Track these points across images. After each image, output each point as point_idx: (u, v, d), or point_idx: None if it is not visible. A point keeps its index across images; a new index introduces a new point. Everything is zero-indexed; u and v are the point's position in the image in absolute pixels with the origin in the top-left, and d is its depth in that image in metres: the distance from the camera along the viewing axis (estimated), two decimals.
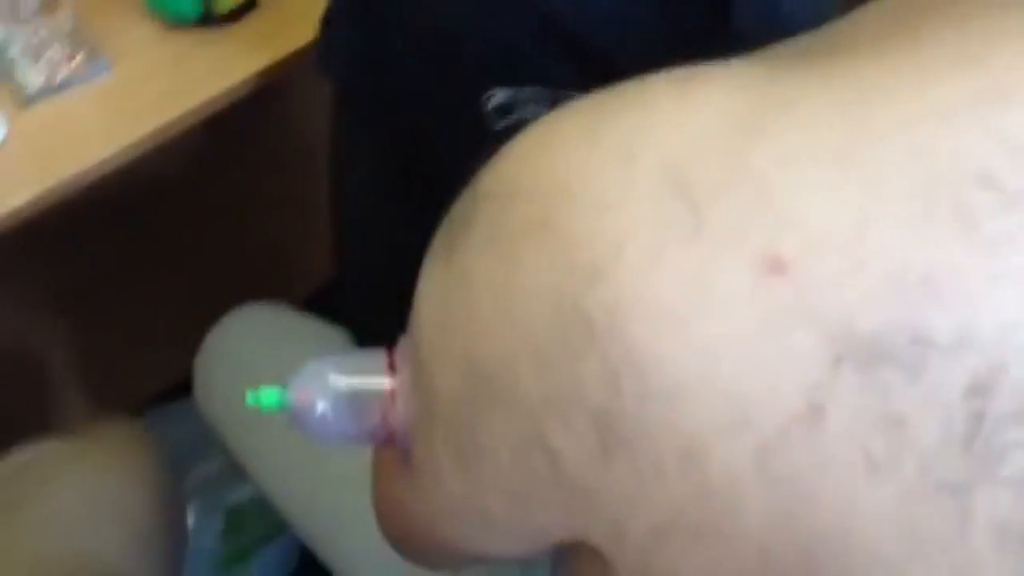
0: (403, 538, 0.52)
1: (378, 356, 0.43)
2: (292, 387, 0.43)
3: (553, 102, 0.69)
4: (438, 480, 0.39)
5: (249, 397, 0.43)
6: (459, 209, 0.37)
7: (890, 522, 0.29)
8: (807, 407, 0.28)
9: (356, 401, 0.43)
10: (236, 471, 1.24)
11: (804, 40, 0.35)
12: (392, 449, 0.43)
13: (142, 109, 0.85)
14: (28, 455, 0.83)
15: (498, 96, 0.69)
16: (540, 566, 0.64)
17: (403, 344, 0.42)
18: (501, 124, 0.70)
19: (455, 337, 0.35)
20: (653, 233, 0.29)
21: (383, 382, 0.42)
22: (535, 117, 0.71)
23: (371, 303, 0.90)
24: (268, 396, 0.43)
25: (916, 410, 0.28)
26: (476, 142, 0.71)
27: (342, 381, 0.43)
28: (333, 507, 0.80)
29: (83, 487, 0.81)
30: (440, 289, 0.37)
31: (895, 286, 0.28)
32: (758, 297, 0.28)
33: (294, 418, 0.44)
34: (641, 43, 0.67)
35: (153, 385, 1.25)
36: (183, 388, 1.19)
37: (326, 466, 0.80)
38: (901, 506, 0.29)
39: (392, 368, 0.42)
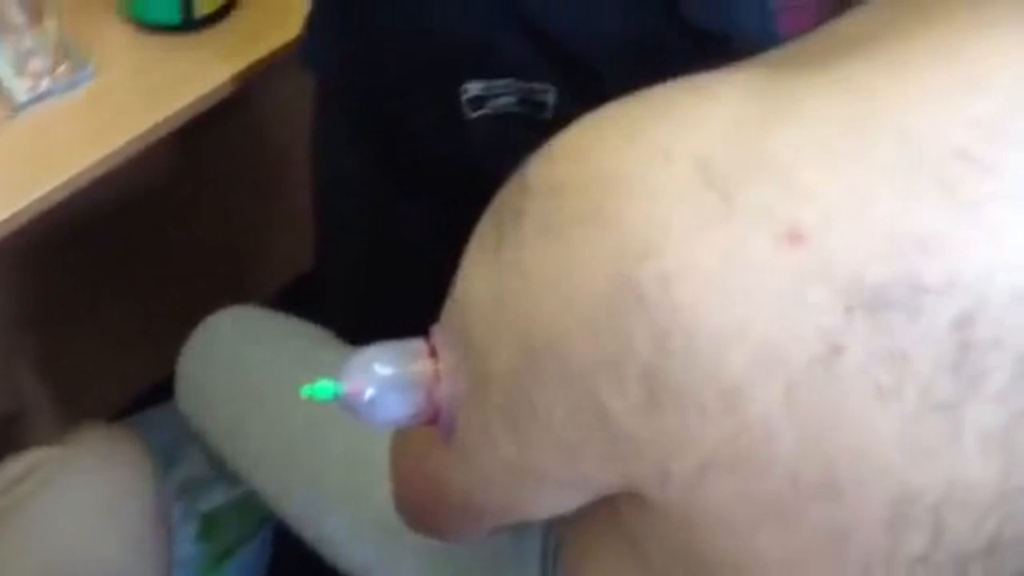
0: (429, 511, 0.55)
1: (416, 344, 0.46)
2: (344, 378, 0.46)
3: (523, 94, 0.73)
4: (491, 447, 0.43)
5: (304, 391, 0.46)
6: (506, 202, 0.40)
7: (897, 439, 0.35)
8: (826, 348, 0.34)
9: (401, 386, 0.45)
10: (209, 476, 1.25)
11: (796, 45, 0.40)
12: (430, 428, 0.46)
13: (125, 115, 0.85)
14: (22, 464, 0.83)
15: (471, 89, 0.72)
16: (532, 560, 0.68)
17: (441, 330, 0.45)
18: (475, 114, 0.73)
19: (510, 318, 0.39)
20: (692, 216, 0.35)
21: (426, 366, 0.45)
22: (507, 108, 0.74)
23: (351, 292, 0.92)
24: (323, 389, 0.46)
25: (915, 345, 0.34)
26: (452, 132, 0.74)
27: (387, 369, 0.46)
28: (324, 492, 0.82)
29: (80, 494, 0.82)
30: (491, 277, 0.40)
31: (894, 246, 0.34)
32: (782, 262, 0.34)
33: (346, 406, 0.46)
34: (604, 37, 0.71)
35: (126, 392, 1.25)
36: (153, 394, 1.20)
37: (316, 455, 0.82)
38: (905, 425, 0.35)
39: (433, 353, 0.45)
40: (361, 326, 0.62)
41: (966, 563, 0.38)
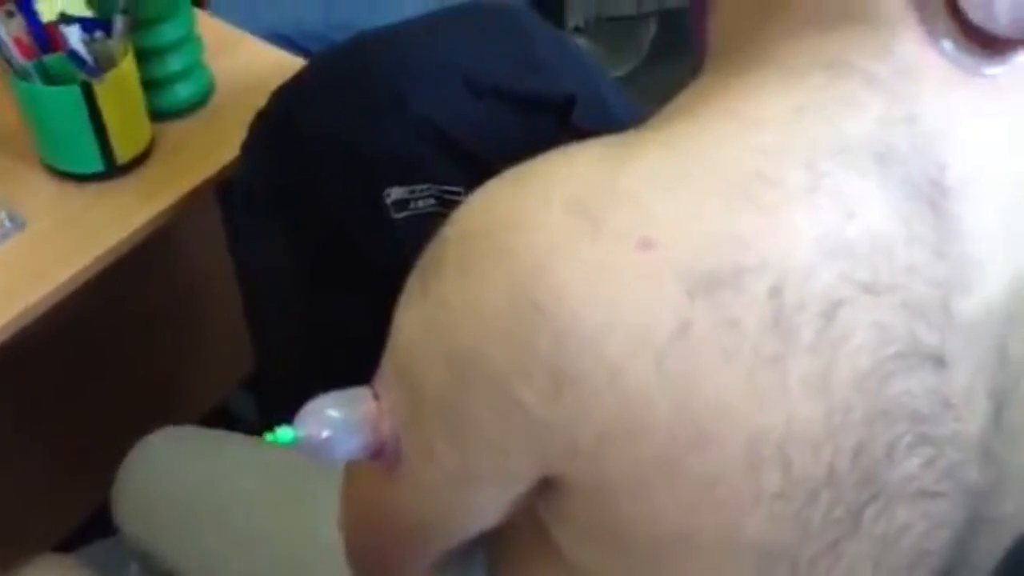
0: (375, 545, 0.63)
1: (361, 390, 0.56)
2: (300, 424, 0.55)
3: (440, 196, 0.84)
4: (433, 460, 0.52)
5: (268, 437, 0.54)
6: (429, 256, 0.50)
7: (742, 389, 0.45)
8: (679, 324, 0.44)
9: (352, 425, 0.54)
10: None
11: (633, 130, 0.52)
12: (378, 461, 0.55)
13: (54, 262, 0.92)
14: None
15: (394, 193, 0.83)
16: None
17: (380, 375, 0.55)
18: (400, 216, 0.84)
19: (437, 342, 0.49)
20: (570, 241, 0.45)
21: (370, 405, 0.54)
22: (428, 209, 0.86)
23: (290, 385, 1.00)
24: (283, 435, 0.54)
25: (744, 312, 0.44)
26: (380, 232, 0.85)
27: (338, 412, 0.55)
28: None
29: None
30: (418, 314, 0.50)
31: (719, 243, 0.45)
32: (639, 266, 0.44)
33: (304, 447, 0.55)
34: (505, 144, 0.84)
35: (62, 525, 1.27)
36: (92, 525, 1.22)
37: (264, 553, 0.88)
38: (747, 377, 0.45)
39: (376, 396, 0.54)
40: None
41: (815, 493, 0.48)
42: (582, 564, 0.55)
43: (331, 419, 0.55)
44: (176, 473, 0.95)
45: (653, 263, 0.44)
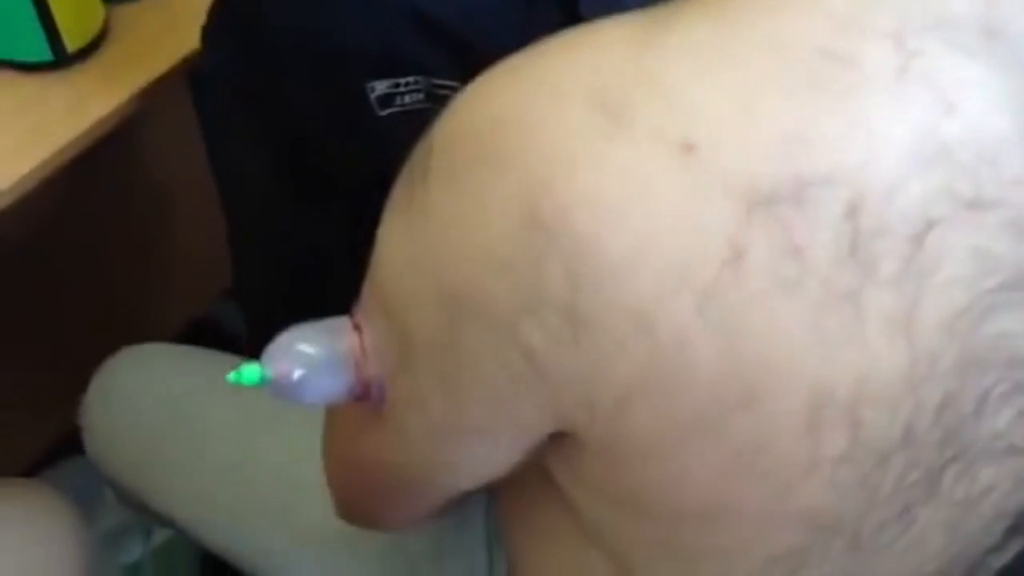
0: (363, 496, 0.55)
1: (340, 321, 0.47)
2: (268, 362, 0.46)
3: (430, 90, 0.74)
4: (422, 410, 0.43)
5: (231, 376, 0.46)
6: (413, 164, 0.41)
7: (805, 333, 0.36)
8: (731, 251, 0.35)
9: (329, 363, 0.46)
10: (128, 526, 1.21)
11: None
12: (361, 404, 0.47)
13: (5, 158, 0.83)
14: None
15: (379, 88, 0.73)
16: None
17: (362, 304, 0.46)
18: (384, 112, 0.74)
19: (426, 274, 0.40)
20: (585, 143, 0.35)
21: (352, 341, 0.45)
22: (415, 104, 0.76)
23: (269, 301, 0.92)
24: (249, 374, 0.46)
25: (810, 237, 0.35)
26: (362, 132, 0.75)
27: (312, 348, 0.46)
28: (255, 515, 0.81)
29: (3, 555, 0.79)
30: (404, 237, 0.41)
31: (777, 145, 0.35)
32: (678, 177, 0.35)
33: (274, 389, 0.46)
34: (505, 33, 0.73)
35: (33, 447, 1.21)
36: (61, 448, 1.16)
37: (243, 480, 0.81)
38: (812, 318, 0.36)
39: (357, 328, 0.45)
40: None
41: (887, 457, 0.39)
42: (599, 525, 0.47)
43: (305, 356, 0.46)
44: (145, 399, 0.87)
45: (695, 172, 0.35)
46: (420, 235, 0.40)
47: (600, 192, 0.35)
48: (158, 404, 0.86)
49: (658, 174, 0.35)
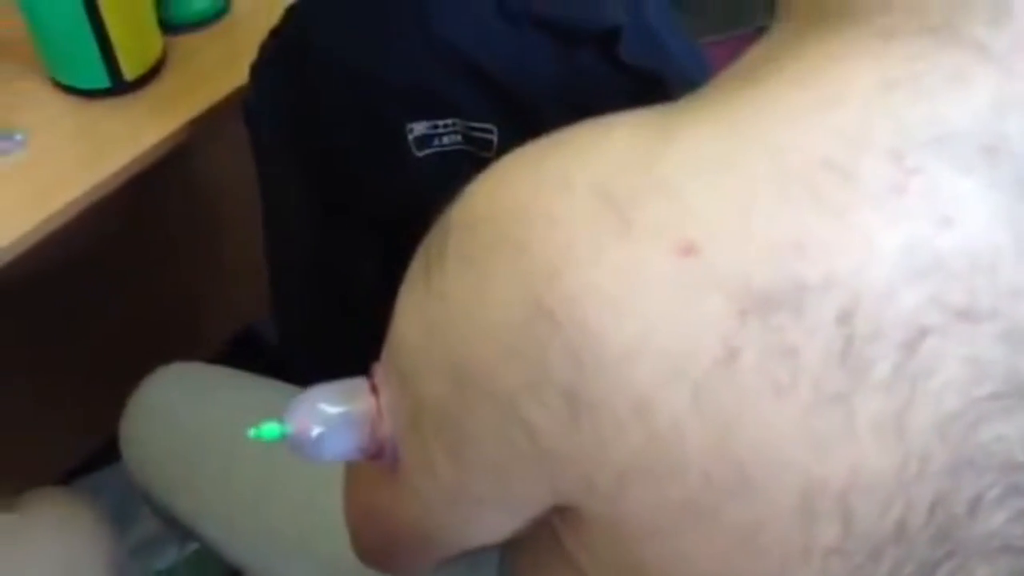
0: (380, 545, 0.57)
1: (358, 382, 0.48)
2: (289, 419, 0.48)
3: (467, 133, 0.76)
4: (431, 474, 0.45)
5: (252, 432, 0.48)
6: (432, 241, 0.42)
7: (797, 431, 0.37)
8: (725, 351, 0.36)
9: (346, 423, 0.47)
10: (162, 535, 1.24)
11: (683, 99, 0.43)
12: (376, 462, 0.48)
13: (57, 181, 0.86)
14: None
15: (417, 129, 0.75)
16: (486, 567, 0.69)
17: (380, 368, 0.47)
18: (421, 153, 0.76)
19: (439, 348, 0.41)
20: (592, 237, 0.37)
21: (368, 403, 0.47)
22: (453, 146, 0.78)
23: (304, 334, 0.94)
24: (270, 431, 0.47)
25: (804, 341, 0.36)
26: (400, 172, 0.77)
27: (332, 408, 0.48)
28: (278, 540, 0.83)
29: (37, 561, 0.82)
30: (420, 311, 0.42)
31: (775, 251, 0.36)
32: (677, 275, 0.36)
33: (293, 444, 0.48)
34: (539, 79, 0.74)
35: (72, 454, 1.24)
36: (100, 455, 1.19)
37: (270, 505, 0.83)
38: (803, 418, 0.37)
39: (374, 390, 0.47)
40: (315, 367, 0.63)
41: (879, 550, 0.40)
42: None
43: (324, 414, 0.48)
44: (180, 416, 0.89)
45: (693, 273, 0.36)
46: (435, 312, 0.41)
47: (603, 285, 0.37)
48: (192, 423, 0.89)
49: (658, 272, 0.37)
